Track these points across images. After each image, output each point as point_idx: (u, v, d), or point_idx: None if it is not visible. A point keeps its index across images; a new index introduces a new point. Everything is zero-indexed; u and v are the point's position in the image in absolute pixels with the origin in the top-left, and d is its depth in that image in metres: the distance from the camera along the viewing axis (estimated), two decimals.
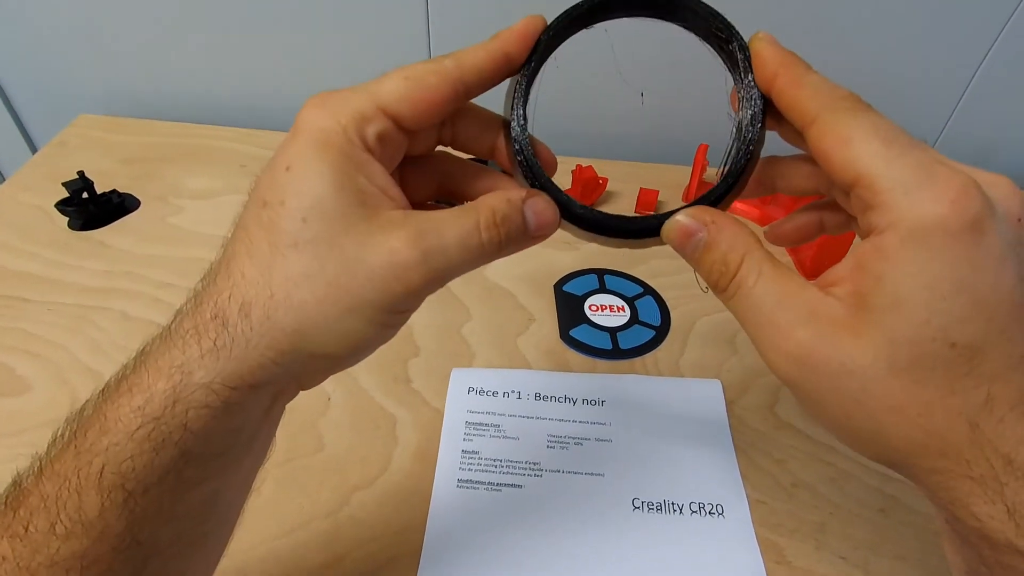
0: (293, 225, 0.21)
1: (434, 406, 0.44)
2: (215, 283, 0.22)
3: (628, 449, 0.42)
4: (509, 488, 0.39)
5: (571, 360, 0.47)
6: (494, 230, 0.22)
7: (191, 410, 0.20)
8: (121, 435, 0.20)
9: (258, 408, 0.22)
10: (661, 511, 0.38)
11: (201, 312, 0.21)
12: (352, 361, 0.23)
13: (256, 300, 0.21)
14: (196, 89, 0.71)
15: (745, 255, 0.22)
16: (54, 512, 0.20)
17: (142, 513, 0.20)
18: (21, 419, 0.42)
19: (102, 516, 0.20)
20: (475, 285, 0.52)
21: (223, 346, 0.20)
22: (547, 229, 0.24)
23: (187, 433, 0.20)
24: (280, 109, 0.71)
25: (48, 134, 0.68)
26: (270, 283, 0.21)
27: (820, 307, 0.21)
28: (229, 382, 0.21)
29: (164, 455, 0.20)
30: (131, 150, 0.65)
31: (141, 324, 0.48)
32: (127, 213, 0.57)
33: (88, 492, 0.20)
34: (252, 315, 0.21)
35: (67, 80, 0.71)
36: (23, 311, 0.48)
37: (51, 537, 0.20)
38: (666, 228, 0.23)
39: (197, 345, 0.21)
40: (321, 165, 0.21)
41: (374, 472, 0.40)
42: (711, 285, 0.23)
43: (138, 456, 0.20)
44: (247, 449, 0.23)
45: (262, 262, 0.21)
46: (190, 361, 0.20)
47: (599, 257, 0.55)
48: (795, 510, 0.39)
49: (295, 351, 0.21)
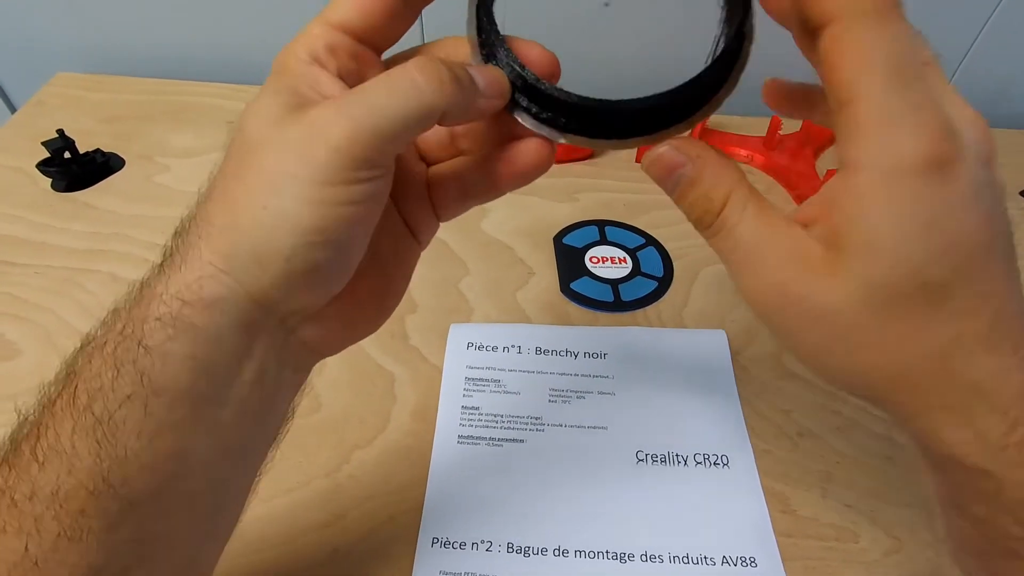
0: (237, 140, 0.21)
1: (433, 363, 0.43)
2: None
3: (631, 402, 0.41)
4: (511, 443, 0.39)
5: (572, 313, 0.46)
6: (431, 68, 0.20)
7: (146, 323, 0.19)
8: (98, 356, 0.20)
9: (225, 340, 0.20)
10: (665, 463, 0.38)
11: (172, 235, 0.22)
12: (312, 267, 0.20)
13: (204, 212, 0.21)
14: (179, 44, 0.68)
15: (731, 192, 0.22)
16: (35, 436, 0.19)
17: (110, 448, 0.19)
18: (11, 383, 0.41)
19: (72, 443, 0.19)
20: (472, 239, 0.51)
21: (174, 256, 0.20)
22: (496, 89, 0.22)
23: (143, 351, 0.19)
24: (265, 64, 0.68)
25: (26, 94, 0.65)
26: (211, 191, 0.21)
27: (800, 247, 0.21)
28: (179, 294, 0.19)
29: (124, 374, 0.19)
30: (113, 108, 0.63)
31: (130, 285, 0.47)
32: (112, 173, 0.56)
33: (64, 417, 0.19)
34: (198, 224, 0.21)
35: (44, 37, 0.68)
36: (9, 275, 0.47)
37: (32, 464, 0.19)
38: (646, 160, 0.23)
39: (160, 262, 0.21)
40: (268, 87, 0.21)
41: (373, 431, 0.39)
42: (693, 222, 0.23)
43: (103, 374, 0.19)
44: (223, 399, 0.21)
45: (212, 181, 0.21)
46: (152, 277, 0.21)
47: (599, 208, 0.53)
48: (801, 459, 0.39)
49: (234, 250, 0.20)
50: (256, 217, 0.19)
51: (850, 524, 0.36)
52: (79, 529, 0.19)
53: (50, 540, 0.19)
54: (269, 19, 0.65)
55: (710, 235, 0.22)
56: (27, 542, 0.18)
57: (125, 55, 0.69)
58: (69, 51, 0.69)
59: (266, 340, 0.21)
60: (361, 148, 0.19)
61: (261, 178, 0.19)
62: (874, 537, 0.35)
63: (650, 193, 0.57)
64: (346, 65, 0.22)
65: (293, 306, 0.21)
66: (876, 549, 0.35)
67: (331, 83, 0.21)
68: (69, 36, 0.68)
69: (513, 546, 0.34)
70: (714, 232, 0.22)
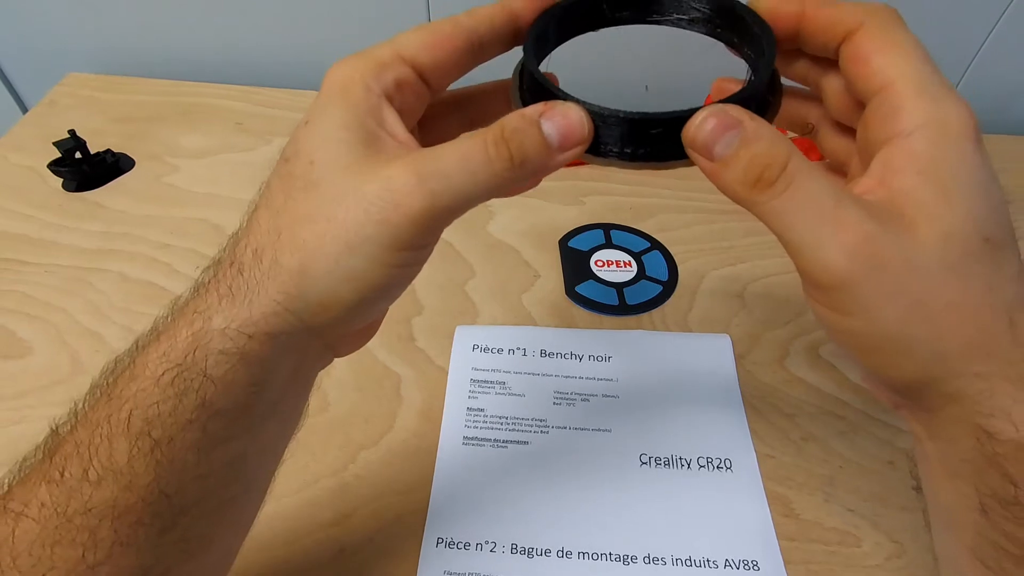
0: (302, 169, 0.21)
1: (438, 364, 0.43)
2: (239, 235, 0.22)
3: (635, 405, 0.41)
4: (515, 445, 0.39)
5: (577, 316, 0.47)
6: (503, 145, 0.20)
7: (210, 356, 0.20)
8: (148, 381, 0.20)
9: (280, 365, 0.22)
10: (669, 466, 0.38)
11: (223, 262, 0.22)
12: (368, 310, 0.22)
13: (267, 245, 0.21)
14: (189, 46, 0.69)
15: (791, 150, 0.20)
16: (86, 458, 0.20)
17: (168, 465, 0.20)
18: (22, 381, 0.41)
19: (130, 464, 0.20)
20: (478, 241, 0.51)
21: (237, 291, 0.21)
22: (574, 139, 0.21)
23: (207, 381, 0.20)
24: (276, 65, 0.69)
25: (37, 94, 0.66)
26: (279, 226, 0.21)
27: (873, 205, 0.20)
28: (244, 328, 0.20)
29: (187, 402, 0.20)
30: (123, 109, 0.63)
31: (140, 285, 0.47)
32: (122, 173, 0.56)
33: (118, 438, 0.20)
34: (263, 260, 0.21)
35: (55, 38, 0.69)
36: (21, 274, 0.48)
37: (84, 483, 0.20)
38: (694, 124, 0.20)
39: (216, 292, 0.21)
40: (334, 111, 0.21)
41: (379, 431, 0.39)
42: (750, 183, 0.20)
43: (163, 403, 0.20)
44: (271, 411, 0.22)
45: (275, 209, 0.21)
46: (210, 307, 0.21)
47: (605, 212, 0.54)
48: (804, 463, 0.39)
49: (302, 295, 0.21)
50: (329, 269, 0.20)
51: (853, 528, 0.36)
52: (136, 537, 0.20)
53: (106, 548, 0.20)
54: (278, 22, 0.66)
55: (775, 193, 0.20)
56: (83, 552, 0.19)
57: (136, 56, 0.69)
58: (81, 52, 0.69)
59: (312, 357, 0.23)
60: (435, 222, 0.20)
61: (335, 230, 0.20)
62: (877, 541, 0.36)
63: (656, 197, 0.57)
64: (409, 103, 0.23)
65: (341, 332, 0.23)
66: (879, 554, 0.35)
67: (397, 124, 0.22)
68: (81, 37, 0.68)
69: (517, 547, 0.35)
70: (781, 189, 0.20)
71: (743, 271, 0.50)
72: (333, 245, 0.20)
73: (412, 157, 0.20)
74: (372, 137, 0.21)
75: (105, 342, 0.44)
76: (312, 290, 0.20)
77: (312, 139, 0.21)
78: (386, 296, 0.22)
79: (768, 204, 0.20)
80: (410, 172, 0.20)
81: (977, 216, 0.19)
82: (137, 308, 0.46)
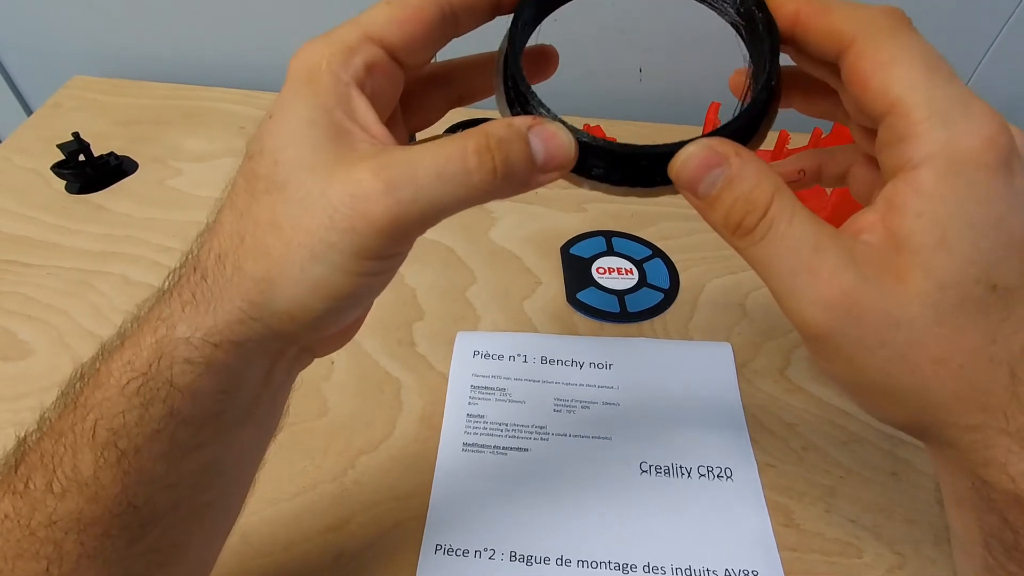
0: (267, 169, 0.19)
1: (439, 370, 0.43)
2: (203, 237, 0.21)
3: (636, 413, 0.41)
4: (515, 452, 0.39)
5: (578, 323, 0.47)
6: (486, 155, 0.19)
7: (175, 365, 0.19)
8: (113, 389, 0.20)
9: (249, 371, 0.21)
10: (669, 475, 0.38)
11: (187, 266, 0.21)
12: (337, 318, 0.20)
13: (230, 249, 0.20)
14: (193, 49, 0.69)
15: (775, 192, 0.19)
16: (51, 469, 0.20)
17: (136, 475, 0.20)
18: (23, 383, 0.41)
19: (96, 475, 0.19)
20: (480, 247, 0.51)
21: (200, 298, 0.20)
22: (559, 160, 0.20)
23: (173, 390, 0.19)
24: (279, 69, 0.69)
25: (42, 96, 0.66)
26: (243, 230, 0.20)
27: (858, 252, 0.19)
28: (209, 337, 0.19)
29: (153, 412, 0.19)
30: (127, 112, 0.63)
31: (142, 288, 0.47)
32: (125, 176, 0.56)
33: (82, 449, 0.19)
34: (226, 265, 0.20)
35: (60, 40, 0.69)
36: (23, 276, 0.48)
37: (48, 495, 0.19)
38: (677, 162, 0.20)
39: (179, 299, 0.20)
40: (299, 104, 0.20)
41: (379, 436, 0.39)
42: (732, 228, 0.20)
43: (128, 412, 0.19)
44: (246, 415, 0.22)
45: (239, 211, 0.20)
46: (173, 314, 0.20)
47: (607, 219, 0.54)
48: (805, 473, 0.39)
49: (267, 303, 0.19)
50: (293, 277, 0.19)
51: (854, 539, 0.36)
52: (103, 549, 0.19)
53: (71, 561, 0.19)
54: (281, 26, 0.66)
55: (752, 241, 0.19)
56: (47, 566, 0.19)
57: (140, 59, 0.70)
58: (85, 55, 0.70)
59: (284, 361, 0.22)
60: (403, 233, 0.19)
61: (300, 237, 0.19)
62: (878, 552, 0.35)
63: (657, 205, 0.57)
64: (381, 87, 0.21)
65: (312, 339, 0.22)
66: (880, 565, 0.35)
67: (368, 114, 0.20)
68: (86, 40, 0.69)
69: (516, 555, 0.34)
70: (759, 237, 0.19)
71: (744, 280, 0.50)
72: (298, 252, 0.19)
73: (382, 160, 0.19)
74: (341, 132, 0.19)
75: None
76: (278, 300, 0.19)
77: (277, 136, 0.20)
78: (356, 304, 0.21)
79: (748, 250, 0.20)
80: (378, 178, 0.18)
81: (985, 261, 0.18)
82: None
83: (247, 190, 0.20)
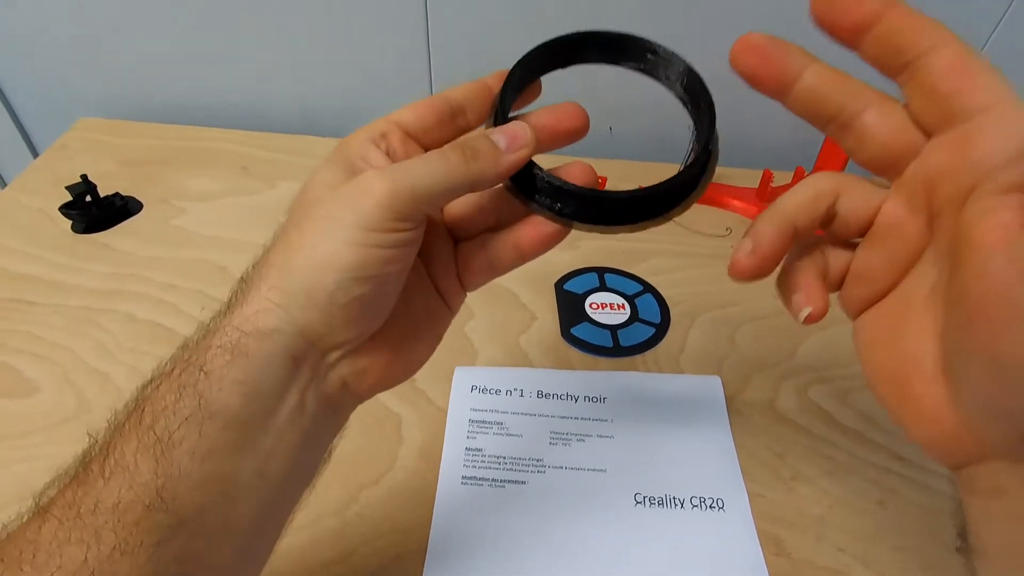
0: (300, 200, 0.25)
1: (438, 404, 0.44)
2: None
3: (629, 445, 0.42)
4: (513, 484, 0.40)
5: (572, 358, 0.48)
6: (457, 148, 0.24)
7: (208, 351, 0.22)
8: (164, 380, 0.22)
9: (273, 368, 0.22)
10: (663, 505, 0.39)
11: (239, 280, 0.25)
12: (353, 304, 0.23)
13: (266, 258, 0.24)
14: (197, 91, 0.71)
15: None
16: (105, 454, 0.22)
17: (166, 464, 0.21)
18: (28, 421, 0.42)
19: (135, 459, 0.21)
20: None
21: (241, 297, 0.23)
22: (519, 143, 0.24)
23: (202, 375, 0.22)
24: (281, 111, 0.71)
25: (49, 137, 0.68)
26: (276, 240, 0.24)
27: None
28: (239, 325, 0.22)
29: (186, 398, 0.22)
30: (133, 153, 0.65)
31: (147, 326, 0.48)
32: (130, 216, 0.58)
33: (131, 434, 0.21)
34: (260, 266, 0.24)
35: (68, 83, 0.71)
36: (29, 314, 0.49)
37: (99, 479, 0.21)
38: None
39: (229, 304, 0.24)
40: (330, 157, 0.25)
41: (380, 470, 0.40)
42: None
43: (167, 396, 0.22)
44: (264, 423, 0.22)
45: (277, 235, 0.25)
46: (218, 314, 0.24)
47: (599, 256, 0.56)
48: (795, 503, 0.40)
49: (287, 286, 0.23)
50: (307, 256, 0.23)
51: (843, 567, 0.37)
52: (133, 542, 0.20)
53: (107, 551, 0.20)
54: (282, 70, 0.69)
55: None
56: (87, 553, 0.20)
57: (146, 101, 0.72)
58: (92, 97, 0.72)
59: (308, 373, 0.24)
60: (399, 203, 0.22)
61: (313, 224, 0.23)
62: None
63: (648, 242, 0.59)
64: (395, 147, 0.26)
65: (336, 339, 0.24)
66: None
67: (379, 157, 0.25)
68: (92, 83, 0.71)
69: None
70: None
71: (733, 314, 0.51)
72: (311, 235, 0.23)
73: (382, 166, 0.24)
74: (356, 169, 0.24)
75: (111, 381, 0.45)
76: (295, 279, 0.22)
77: (310, 181, 0.25)
78: (367, 281, 0.23)
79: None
80: (376, 171, 0.23)
81: None
82: (143, 348, 0.47)
83: (283, 223, 0.25)
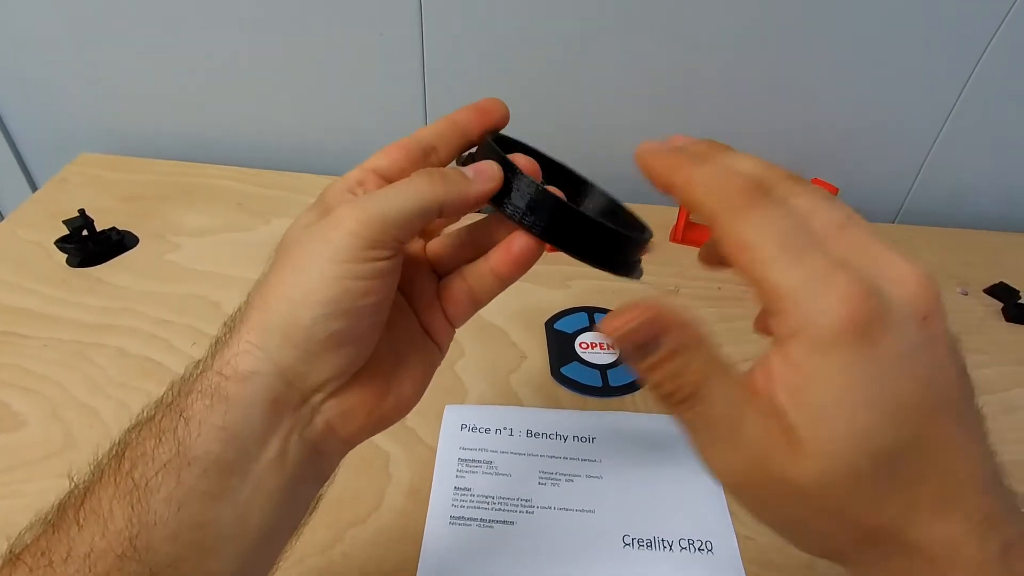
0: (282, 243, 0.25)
1: (427, 443, 0.44)
2: None
3: (618, 486, 0.42)
4: (501, 525, 0.40)
5: (562, 397, 0.48)
6: (424, 173, 0.24)
7: (190, 395, 0.22)
8: (144, 425, 0.22)
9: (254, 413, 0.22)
10: (651, 548, 0.39)
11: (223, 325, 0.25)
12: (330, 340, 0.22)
13: (248, 301, 0.24)
14: (195, 128, 0.73)
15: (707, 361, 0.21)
16: (80, 500, 0.21)
17: (142, 512, 0.21)
18: (15, 455, 0.42)
19: (110, 506, 0.21)
20: (468, 322, 0.53)
21: (225, 337, 0.24)
22: (486, 176, 0.25)
23: (182, 420, 0.22)
24: (277, 148, 0.73)
25: (49, 171, 0.69)
26: (258, 284, 0.24)
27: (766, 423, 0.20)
28: (220, 369, 0.22)
29: (165, 444, 0.21)
30: (131, 188, 0.66)
31: (138, 361, 0.48)
32: (126, 250, 0.58)
33: (108, 479, 0.21)
34: (243, 311, 0.24)
35: (68, 119, 0.72)
36: (20, 347, 0.49)
37: (73, 527, 0.21)
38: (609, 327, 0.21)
39: (213, 346, 0.24)
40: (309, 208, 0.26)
41: (367, 509, 0.40)
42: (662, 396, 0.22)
43: (147, 441, 0.22)
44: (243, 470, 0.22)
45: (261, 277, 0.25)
46: (205, 358, 0.24)
47: (590, 295, 0.56)
48: (784, 546, 0.39)
49: (266, 326, 0.23)
50: (282, 294, 0.23)
51: None
52: None
53: None
54: (279, 108, 0.70)
55: (684, 409, 0.21)
56: None
57: (144, 138, 0.73)
58: (92, 132, 0.73)
59: (290, 416, 0.23)
60: (370, 231, 0.23)
61: (290, 262, 0.23)
62: None
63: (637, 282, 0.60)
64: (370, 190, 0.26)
65: (317, 378, 0.23)
66: None
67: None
68: (92, 119, 0.72)
69: None
70: (689, 407, 0.21)
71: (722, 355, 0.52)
72: (287, 273, 0.23)
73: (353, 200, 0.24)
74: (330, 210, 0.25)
75: (99, 417, 0.44)
76: (273, 318, 0.23)
77: (290, 227, 0.25)
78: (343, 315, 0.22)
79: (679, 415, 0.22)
80: (347, 203, 0.23)
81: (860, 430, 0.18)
82: (134, 383, 0.47)
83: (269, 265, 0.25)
